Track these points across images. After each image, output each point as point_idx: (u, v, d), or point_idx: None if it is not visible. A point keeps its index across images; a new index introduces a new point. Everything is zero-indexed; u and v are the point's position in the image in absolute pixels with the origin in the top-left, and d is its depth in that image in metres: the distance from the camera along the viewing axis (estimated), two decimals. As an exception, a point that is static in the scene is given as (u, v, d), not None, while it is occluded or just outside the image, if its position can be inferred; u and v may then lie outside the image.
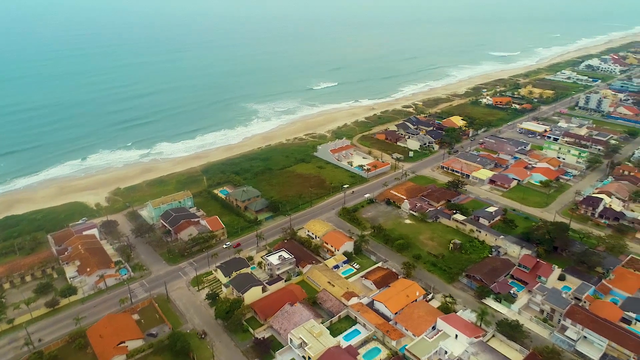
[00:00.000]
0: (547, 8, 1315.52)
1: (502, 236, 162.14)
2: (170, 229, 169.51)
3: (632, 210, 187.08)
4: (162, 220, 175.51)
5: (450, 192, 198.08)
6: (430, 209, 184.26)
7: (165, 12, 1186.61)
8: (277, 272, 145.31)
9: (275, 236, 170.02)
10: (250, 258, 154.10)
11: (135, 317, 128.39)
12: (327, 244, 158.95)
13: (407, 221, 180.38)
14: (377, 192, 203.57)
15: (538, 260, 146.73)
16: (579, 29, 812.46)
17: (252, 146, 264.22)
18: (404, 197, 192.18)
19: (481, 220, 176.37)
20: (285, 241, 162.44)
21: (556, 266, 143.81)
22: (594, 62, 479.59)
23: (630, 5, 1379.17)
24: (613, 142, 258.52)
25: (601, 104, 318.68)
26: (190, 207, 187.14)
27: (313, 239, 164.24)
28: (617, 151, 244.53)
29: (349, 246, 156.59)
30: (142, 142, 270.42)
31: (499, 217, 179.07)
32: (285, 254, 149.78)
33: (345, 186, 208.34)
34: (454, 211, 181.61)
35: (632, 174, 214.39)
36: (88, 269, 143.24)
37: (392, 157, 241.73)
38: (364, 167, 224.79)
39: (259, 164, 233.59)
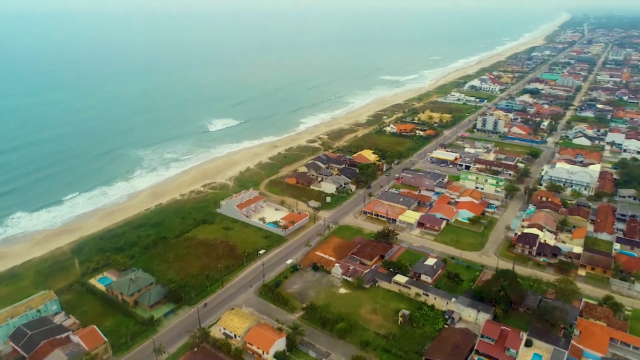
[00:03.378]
0: (419, 30, 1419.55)
1: (453, 298, 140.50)
2: (25, 356, 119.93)
3: (564, 242, 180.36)
4: (12, 344, 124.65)
5: (382, 245, 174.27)
6: (365, 271, 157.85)
7: (19, 41, 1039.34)
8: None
9: (181, 340, 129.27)
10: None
11: None
12: (251, 345, 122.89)
13: (342, 290, 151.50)
14: (300, 254, 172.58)
15: (502, 327, 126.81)
16: (454, 50, 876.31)
17: (139, 207, 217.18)
18: (333, 259, 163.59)
19: (423, 277, 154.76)
20: (195, 350, 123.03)
21: (524, 333, 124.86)
22: (476, 82, 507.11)
23: (490, 27, 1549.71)
24: (520, 164, 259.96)
25: (497, 125, 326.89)
26: (56, 314, 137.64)
27: (232, 338, 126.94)
28: (528, 174, 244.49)
29: (280, 344, 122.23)
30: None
31: (440, 270, 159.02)
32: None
33: (261, 252, 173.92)
34: (391, 269, 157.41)
35: (549, 199, 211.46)
36: None
37: (309, 206, 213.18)
38: (280, 223, 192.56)
39: (150, 233, 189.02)
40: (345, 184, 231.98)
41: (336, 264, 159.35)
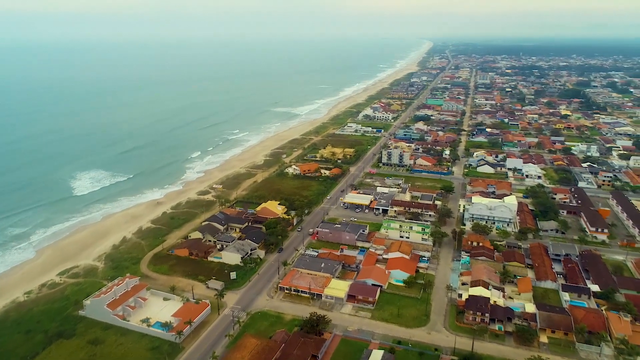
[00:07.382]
0: (300, 60, 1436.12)
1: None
2: None
3: (511, 298, 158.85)
4: None
5: (313, 340, 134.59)
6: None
7: None
8: None
9: None
10: None
11: None
12: None
13: None
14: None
15: None
16: (340, 78, 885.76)
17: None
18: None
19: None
20: None
21: None
22: (369, 111, 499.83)
23: (364, 56, 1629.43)
24: (438, 202, 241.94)
25: (403, 158, 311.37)
26: None
27: None
28: (449, 214, 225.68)
29: None
30: None
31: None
32: None
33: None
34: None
35: (480, 244, 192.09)
36: None
37: (209, 288, 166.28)
38: (172, 323, 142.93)
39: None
40: (252, 250, 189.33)
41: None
